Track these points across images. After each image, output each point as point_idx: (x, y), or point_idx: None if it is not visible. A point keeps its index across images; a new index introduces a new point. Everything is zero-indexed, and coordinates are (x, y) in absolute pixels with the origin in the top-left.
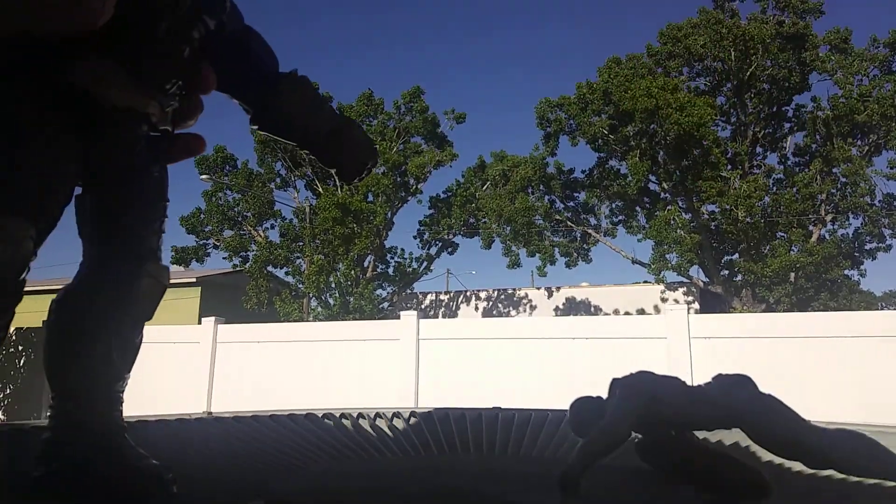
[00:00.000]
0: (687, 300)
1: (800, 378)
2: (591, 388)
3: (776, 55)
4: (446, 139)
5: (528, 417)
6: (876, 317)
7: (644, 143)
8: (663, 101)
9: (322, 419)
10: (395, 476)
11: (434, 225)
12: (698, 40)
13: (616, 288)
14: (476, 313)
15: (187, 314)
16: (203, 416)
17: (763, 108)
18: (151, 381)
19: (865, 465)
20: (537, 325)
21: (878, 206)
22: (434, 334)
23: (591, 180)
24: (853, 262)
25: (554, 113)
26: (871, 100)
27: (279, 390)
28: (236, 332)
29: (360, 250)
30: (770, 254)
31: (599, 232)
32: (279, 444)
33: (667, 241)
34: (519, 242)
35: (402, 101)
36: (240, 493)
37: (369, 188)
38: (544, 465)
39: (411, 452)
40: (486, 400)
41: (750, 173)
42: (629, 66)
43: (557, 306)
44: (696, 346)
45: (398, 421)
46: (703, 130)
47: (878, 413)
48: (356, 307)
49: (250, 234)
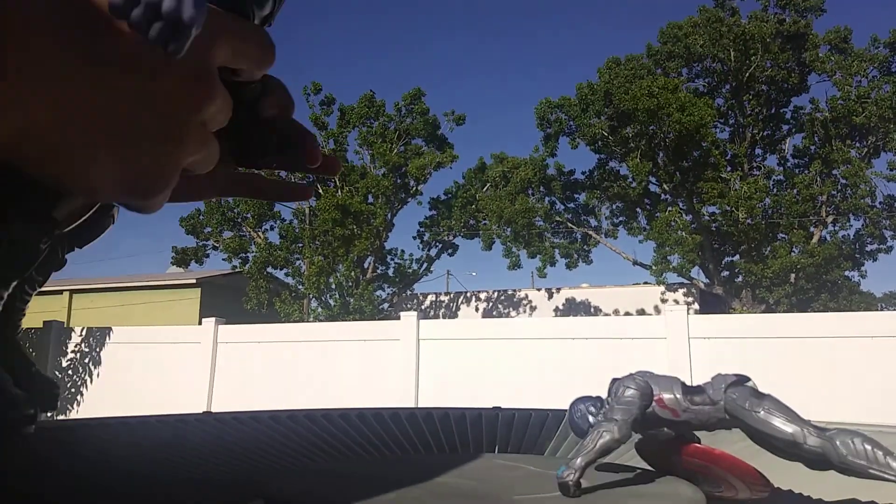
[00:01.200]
0: (687, 301)
1: (800, 378)
2: (591, 388)
3: (776, 55)
4: (447, 141)
5: (528, 417)
6: (876, 317)
7: (644, 144)
8: (664, 101)
9: (322, 419)
10: (395, 475)
11: (434, 226)
12: (698, 40)
13: (616, 289)
14: (476, 314)
15: (187, 315)
16: (203, 416)
17: (761, 109)
18: (152, 381)
19: (865, 465)
20: (537, 326)
21: (878, 208)
22: (434, 335)
23: (591, 181)
24: (854, 263)
25: (554, 114)
26: (869, 102)
27: (279, 390)
28: (237, 332)
29: (360, 251)
30: (771, 255)
31: (600, 233)
32: (279, 444)
33: (668, 243)
34: (519, 244)
35: (403, 103)
36: (240, 492)
37: (370, 189)
38: (544, 464)
39: (411, 452)
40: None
41: (750, 175)
42: (629, 66)
43: (557, 307)
44: (696, 346)
45: (398, 421)
46: (703, 131)
47: (878, 413)
48: (356, 308)
49: (250, 235)
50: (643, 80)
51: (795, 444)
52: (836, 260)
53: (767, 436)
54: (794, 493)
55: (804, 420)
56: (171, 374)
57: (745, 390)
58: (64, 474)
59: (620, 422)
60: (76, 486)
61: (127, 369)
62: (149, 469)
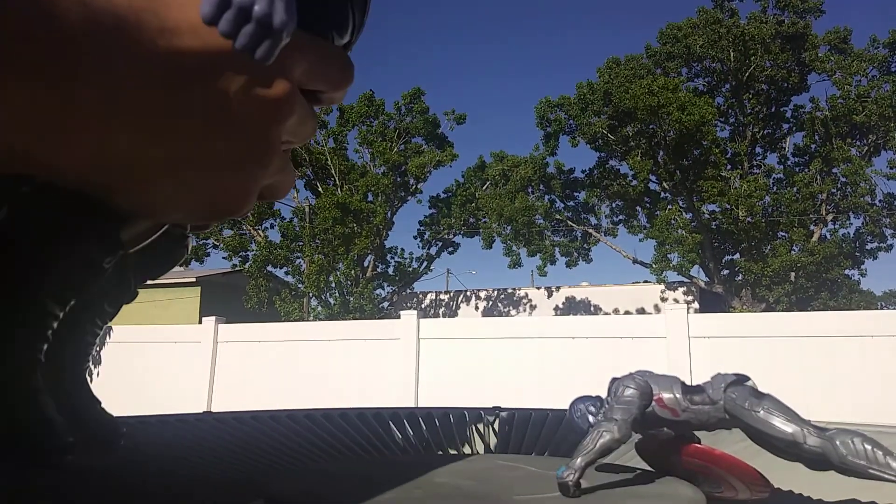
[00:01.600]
0: (687, 300)
1: (800, 378)
2: (591, 388)
3: (776, 55)
4: (446, 139)
5: (528, 417)
6: (875, 316)
7: (644, 142)
8: (665, 100)
9: (322, 419)
10: (395, 475)
11: (434, 225)
12: (697, 40)
13: (616, 287)
14: (476, 313)
15: (187, 314)
16: (203, 416)
17: (761, 108)
18: (152, 381)
19: (865, 465)
20: (537, 325)
21: (878, 206)
22: (434, 334)
23: (591, 180)
24: (854, 261)
25: (554, 113)
26: (869, 101)
27: (279, 390)
28: (237, 331)
29: (360, 250)
30: (771, 253)
31: (600, 231)
32: (279, 444)
33: (668, 241)
34: (519, 242)
35: (403, 102)
36: (240, 492)
37: (369, 188)
38: (544, 464)
39: (411, 451)
40: (486, 399)
41: (750, 173)
42: (629, 66)
43: (557, 306)
44: (696, 345)
45: (398, 420)
46: (703, 130)
47: (878, 413)
48: (356, 307)
49: (250, 233)
50: (643, 79)
51: (795, 444)
52: (836, 258)
53: (767, 435)
54: (794, 493)
55: (804, 420)
56: (171, 374)
57: (745, 390)
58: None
59: (620, 421)
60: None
61: (127, 369)
62: (149, 469)
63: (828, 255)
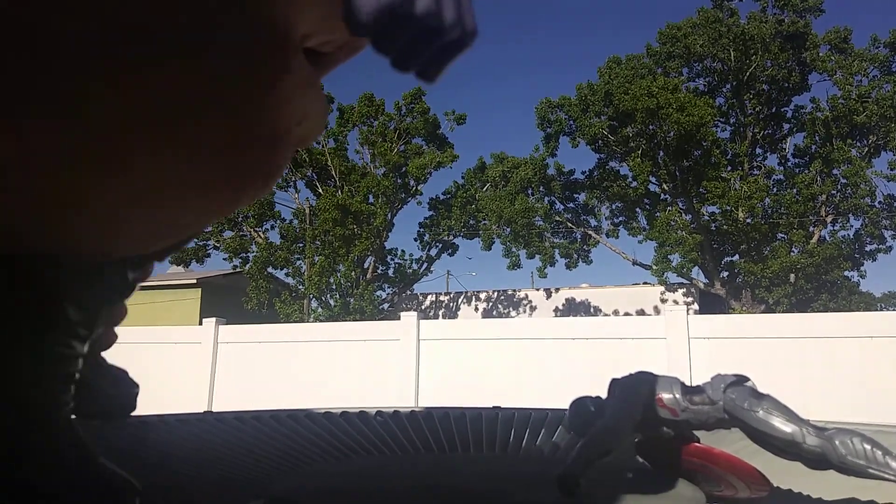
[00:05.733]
0: (686, 301)
1: (799, 378)
2: (591, 388)
3: (776, 55)
4: (447, 140)
5: (528, 417)
6: (875, 317)
7: (644, 144)
8: (664, 101)
9: (322, 418)
10: (395, 475)
11: (434, 226)
12: (697, 40)
13: (616, 289)
14: (476, 314)
15: (187, 315)
16: (204, 416)
17: (762, 109)
18: (152, 382)
19: (865, 464)
20: (537, 326)
21: (878, 208)
22: (434, 335)
23: (591, 181)
24: (853, 263)
25: (554, 114)
26: (870, 101)
27: (280, 390)
28: (237, 332)
29: (361, 251)
30: (771, 255)
31: (600, 233)
32: (280, 444)
33: (668, 242)
34: (519, 244)
35: (403, 103)
36: (240, 493)
37: (370, 189)
38: (544, 465)
39: (411, 451)
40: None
41: (750, 174)
42: (629, 66)
43: (557, 307)
44: (696, 346)
45: (398, 420)
46: (703, 131)
47: (878, 413)
48: (357, 308)
49: (250, 235)
50: (643, 79)
51: (794, 444)
52: (836, 260)
53: (766, 435)
54: (794, 493)
55: (803, 420)
56: (172, 375)
57: (744, 390)
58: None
59: (620, 422)
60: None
61: (127, 369)
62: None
63: (827, 256)
